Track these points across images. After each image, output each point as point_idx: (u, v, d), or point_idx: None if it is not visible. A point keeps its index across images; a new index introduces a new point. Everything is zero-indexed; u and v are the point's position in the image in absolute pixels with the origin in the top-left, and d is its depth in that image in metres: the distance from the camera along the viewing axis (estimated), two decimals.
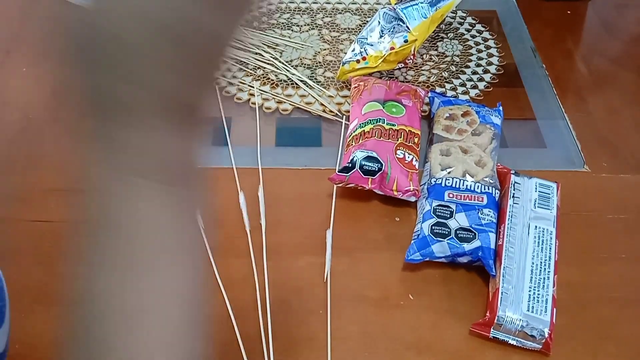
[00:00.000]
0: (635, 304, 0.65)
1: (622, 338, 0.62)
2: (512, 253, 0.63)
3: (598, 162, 0.79)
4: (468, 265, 0.66)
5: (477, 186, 0.69)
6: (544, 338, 0.58)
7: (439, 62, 0.93)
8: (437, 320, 0.63)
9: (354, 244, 0.69)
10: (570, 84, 0.91)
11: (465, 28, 1.00)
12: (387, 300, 0.64)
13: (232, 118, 0.82)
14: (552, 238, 0.65)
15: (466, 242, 0.64)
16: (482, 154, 0.72)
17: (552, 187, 0.69)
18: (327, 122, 0.82)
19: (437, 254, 0.65)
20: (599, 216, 0.73)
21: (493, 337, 0.60)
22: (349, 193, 0.72)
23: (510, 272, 0.62)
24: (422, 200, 0.70)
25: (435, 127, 0.77)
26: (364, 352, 0.60)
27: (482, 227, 0.65)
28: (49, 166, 0.76)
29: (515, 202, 0.67)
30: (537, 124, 0.84)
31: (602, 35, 1.01)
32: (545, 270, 0.62)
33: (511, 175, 0.70)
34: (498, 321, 0.59)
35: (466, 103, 0.80)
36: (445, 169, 0.71)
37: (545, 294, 0.60)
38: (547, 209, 0.67)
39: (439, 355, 0.60)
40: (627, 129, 0.84)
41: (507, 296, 0.60)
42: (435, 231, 0.65)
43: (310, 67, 0.91)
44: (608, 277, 0.67)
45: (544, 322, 0.59)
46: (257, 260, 0.67)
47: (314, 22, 1.00)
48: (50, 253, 0.67)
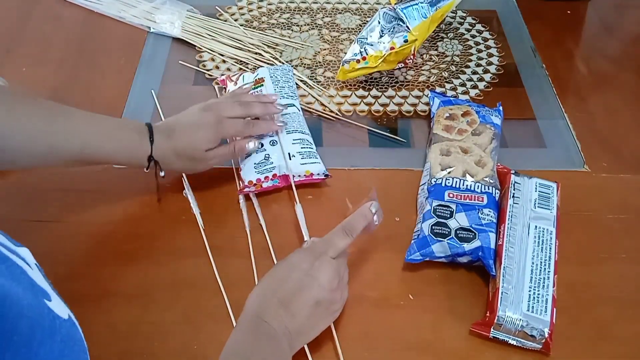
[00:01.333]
0: (635, 304, 0.65)
1: (622, 338, 0.62)
2: (512, 253, 0.63)
3: (598, 162, 0.79)
4: (468, 265, 0.66)
5: (477, 186, 0.69)
6: (544, 338, 0.58)
7: (439, 62, 0.93)
8: (437, 320, 0.63)
9: (353, 244, 0.69)
10: (570, 84, 0.91)
11: (465, 28, 1.00)
12: (387, 300, 0.64)
13: None
14: (552, 238, 0.65)
15: (466, 242, 0.64)
16: (482, 153, 0.72)
17: (552, 187, 0.69)
18: (327, 122, 0.82)
19: (437, 254, 0.65)
20: (599, 216, 0.73)
21: (493, 337, 0.60)
22: (349, 194, 0.72)
23: (511, 272, 0.62)
24: (423, 199, 0.70)
25: (435, 127, 0.77)
26: (364, 352, 0.60)
27: (482, 227, 0.65)
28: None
29: (515, 202, 0.67)
30: (537, 124, 0.84)
31: (602, 35, 1.01)
32: (545, 270, 0.62)
33: (511, 175, 0.70)
34: (498, 321, 0.59)
35: (466, 103, 0.80)
36: (445, 169, 0.71)
37: (545, 293, 0.60)
38: (547, 208, 0.67)
39: (439, 355, 0.60)
40: (627, 129, 0.84)
41: (507, 296, 0.60)
42: (435, 231, 0.65)
43: (310, 67, 0.91)
44: (608, 277, 0.67)
45: (544, 322, 0.59)
46: (256, 260, 0.67)
47: (314, 22, 1.00)
48: (50, 253, 0.67)
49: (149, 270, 0.66)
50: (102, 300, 0.63)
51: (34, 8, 1.00)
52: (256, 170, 0.72)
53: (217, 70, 0.90)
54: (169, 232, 0.69)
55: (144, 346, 0.60)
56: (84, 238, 0.69)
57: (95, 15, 0.99)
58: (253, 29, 0.97)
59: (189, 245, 0.68)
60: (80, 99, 0.85)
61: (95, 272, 0.66)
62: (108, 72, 0.89)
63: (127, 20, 0.97)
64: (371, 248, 0.69)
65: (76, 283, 0.64)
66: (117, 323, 0.61)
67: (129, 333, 0.61)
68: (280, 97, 0.78)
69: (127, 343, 0.60)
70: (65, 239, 0.69)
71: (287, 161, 0.72)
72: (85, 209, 0.71)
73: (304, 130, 0.76)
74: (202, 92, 0.87)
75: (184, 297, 0.64)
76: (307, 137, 0.76)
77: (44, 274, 0.38)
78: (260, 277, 0.65)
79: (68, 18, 0.98)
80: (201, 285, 0.65)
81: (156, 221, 0.71)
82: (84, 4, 1.00)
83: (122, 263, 0.67)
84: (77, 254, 0.67)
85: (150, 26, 0.96)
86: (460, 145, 0.73)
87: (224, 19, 0.99)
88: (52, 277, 0.68)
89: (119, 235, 0.69)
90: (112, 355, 0.59)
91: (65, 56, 0.92)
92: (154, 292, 0.64)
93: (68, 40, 0.95)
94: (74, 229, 0.70)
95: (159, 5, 0.98)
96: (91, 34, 0.96)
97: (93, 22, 0.98)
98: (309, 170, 0.72)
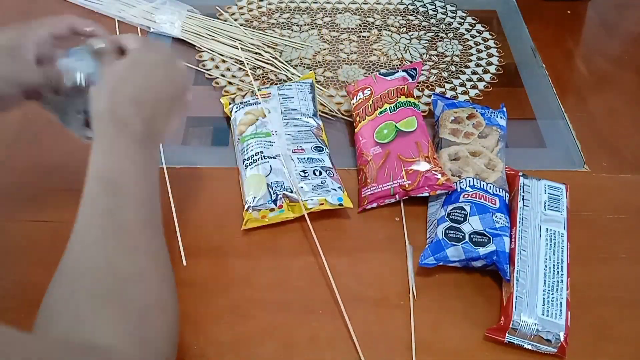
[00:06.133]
0: (635, 304, 0.65)
1: (623, 338, 0.62)
2: (524, 256, 0.62)
3: (598, 162, 0.79)
4: (479, 269, 0.66)
5: (489, 187, 0.68)
6: (560, 342, 0.58)
7: (438, 62, 0.93)
8: (438, 321, 0.62)
9: (354, 244, 0.69)
10: (570, 84, 0.91)
11: (465, 28, 1.00)
12: (387, 300, 0.64)
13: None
14: (564, 240, 0.64)
15: (481, 246, 0.63)
16: (491, 155, 0.72)
17: (561, 188, 0.69)
18: (327, 122, 0.82)
19: (452, 258, 0.64)
20: (599, 216, 0.73)
21: (508, 342, 0.59)
22: (349, 194, 0.72)
23: (524, 276, 0.61)
24: (436, 206, 0.70)
25: (441, 131, 0.76)
26: (364, 352, 0.60)
27: (497, 231, 0.64)
28: (49, 166, 0.76)
29: (525, 205, 0.66)
30: (537, 124, 0.84)
31: (602, 35, 1.01)
32: (559, 273, 0.61)
33: (519, 177, 0.70)
34: (513, 326, 0.58)
35: (470, 105, 0.79)
36: (457, 175, 0.70)
37: (559, 297, 0.60)
38: (557, 211, 0.66)
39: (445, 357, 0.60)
40: (627, 129, 0.84)
41: (521, 300, 0.59)
42: (449, 235, 0.64)
43: (310, 67, 0.91)
44: (608, 277, 0.67)
45: (559, 326, 0.58)
46: (255, 261, 0.67)
47: (314, 22, 1.00)
48: (50, 253, 0.67)
49: None
50: None
51: (34, 8, 1.00)
52: None
53: (217, 70, 0.90)
54: (169, 232, 0.69)
55: None
56: None
57: (95, 15, 0.99)
58: (253, 29, 0.97)
59: (189, 245, 0.68)
60: None
61: None
62: None
63: (127, 20, 0.97)
64: (371, 248, 0.69)
65: None
66: None
67: None
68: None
69: None
70: (65, 239, 0.68)
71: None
72: None
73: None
74: (202, 92, 0.87)
75: (184, 297, 0.64)
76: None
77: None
78: (261, 277, 0.65)
79: None
80: (201, 285, 0.65)
81: None
82: (84, 4, 1.00)
83: None
84: None
85: (150, 26, 0.96)
86: (468, 149, 0.73)
87: (224, 19, 0.99)
88: (52, 277, 0.68)
89: None
90: None
91: None
92: None
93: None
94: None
95: (158, 5, 0.98)
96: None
97: None
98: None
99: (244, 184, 0.71)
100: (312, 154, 0.73)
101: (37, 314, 0.45)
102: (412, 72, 0.80)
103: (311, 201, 0.68)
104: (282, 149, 0.73)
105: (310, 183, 0.70)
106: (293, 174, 0.70)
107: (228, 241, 0.69)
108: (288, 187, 0.69)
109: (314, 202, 0.68)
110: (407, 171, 0.70)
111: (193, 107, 0.85)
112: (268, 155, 0.72)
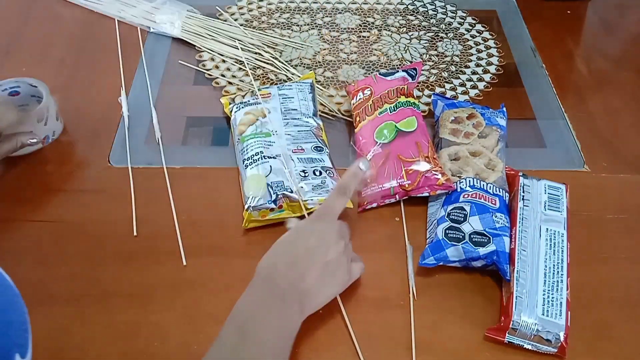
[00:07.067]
0: (635, 304, 0.65)
1: (623, 338, 0.62)
2: (524, 256, 0.62)
3: (598, 162, 0.79)
4: (479, 269, 0.66)
5: (489, 187, 0.68)
6: (560, 342, 0.58)
7: (438, 62, 0.93)
8: (438, 321, 0.62)
9: (353, 244, 0.69)
10: (570, 84, 0.91)
11: (465, 28, 1.00)
12: (387, 301, 0.64)
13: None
14: (564, 240, 0.64)
15: (481, 246, 0.63)
16: (491, 155, 0.72)
17: (561, 188, 0.69)
18: (327, 122, 0.82)
19: (452, 258, 0.64)
20: (599, 216, 0.73)
21: (508, 342, 0.59)
22: None
23: (524, 276, 0.61)
24: (436, 206, 0.70)
25: (441, 131, 0.76)
26: (364, 352, 0.60)
27: (497, 231, 0.64)
28: (49, 166, 0.76)
29: (525, 205, 0.66)
30: (537, 124, 0.84)
31: (602, 35, 1.01)
32: (559, 273, 0.61)
33: (519, 177, 0.70)
34: (513, 326, 0.58)
35: (470, 105, 0.79)
36: (456, 175, 0.70)
37: (559, 297, 0.60)
38: (557, 211, 0.66)
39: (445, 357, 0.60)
40: (627, 129, 0.84)
41: (521, 300, 0.59)
42: (449, 235, 0.64)
43: (310, 67, 0.91)
44: (608, 277, 0.67)
45: (559, 326, 0.58)
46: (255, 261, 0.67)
47: (314, 22, 1.00)
48: (50, 253, 0.67)
49: (149, 270, 0.66)
50: (102, 300, 0.63)
51: (34, 8, 1.00)
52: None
53: (217, 70, 0.90)
54: (169, 232, 0.69)
55: (144, 346, 0.60)
56: (84, 238, 0.69)
57: (95, 15, 0.99)
58: (253, 29, 0.97)
59: (189, 245, 0.68)
60: (80, 99, 0.85)
61: (95, 272, 0.66)
62: (108, 72, 0.89)
63: (127, 20, 0.97)
64: (371, 248, 0.69)
65: (76, 283, 0.64)
66: (117, 323, 0.61)
67: (129, 333, 0.61)
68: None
69: (127, 343, 0.60)
70: (65, 239, 0.69)
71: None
72: (85, 209, 0.71)
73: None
74: (202, 92, 0.87)
75: (184, 297, 0.64)
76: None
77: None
78: None
79: (68, 18, 0.98)
80: (201, 285, 0.65)
81: (156, 221, 0.70)
82: (84, 4, 1.00)
83: (122, 263, 0.66)
84: (77, 254, 0.67)
85: (150, 26, 0.96)
86: (468, 149, 0.73)
87: (224, 18, 0.99)
88: (53, 277, 0.68)
89: (119, 235, 0.69)
90: (112, 355, 0.59)
91: (65, 56, 0.92)
92: (154, 292, 0.64)
93: (68, 40, 0.95)
94: (74, 229, 0.69)
95: (159, 5, 0.98)
96: (91, 33, 0.96)
97: (93, 22, 0.98)
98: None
99: (244, 184, 0.71)
100: (312, 154, 0.73)
101: (37, 313, 0.45)
102: (412, 72, 0.81)
103: (311, 201, 0.68)
104: (282, 149, 0.73)
105: (311, 183, 0.70)
106: (293, 174, 0.70)
107: (228, 241, 0.69)
108: (288, 187, 0.69)
109: (314, 202, 0.68)
110: (407, 171, 0.70)
111: (193, 107, 0.85)
112: (268, 155, 0.72)
